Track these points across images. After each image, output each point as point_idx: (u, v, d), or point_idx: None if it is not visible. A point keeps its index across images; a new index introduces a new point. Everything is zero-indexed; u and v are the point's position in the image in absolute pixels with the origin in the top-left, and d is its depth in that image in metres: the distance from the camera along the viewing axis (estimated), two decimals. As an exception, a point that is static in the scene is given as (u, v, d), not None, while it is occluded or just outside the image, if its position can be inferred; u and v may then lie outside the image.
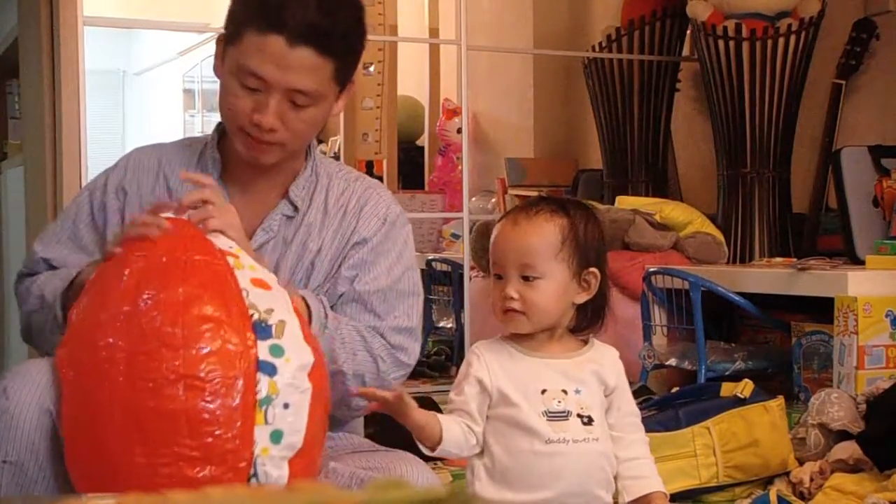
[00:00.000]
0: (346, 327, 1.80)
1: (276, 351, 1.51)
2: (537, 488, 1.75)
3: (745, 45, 4.01)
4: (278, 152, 1.79)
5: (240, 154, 1.81)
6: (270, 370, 1.49)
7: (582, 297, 1.82)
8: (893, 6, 4.01)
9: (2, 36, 5.34)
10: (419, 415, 1.74)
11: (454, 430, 1.77)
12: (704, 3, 4.11)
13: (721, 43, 4.05)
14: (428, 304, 4.74)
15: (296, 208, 1.86)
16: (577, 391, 1.80)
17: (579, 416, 1.79)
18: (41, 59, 3.92)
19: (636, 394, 3.07)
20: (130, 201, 1.86)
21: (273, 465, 1.47)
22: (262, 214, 1.85)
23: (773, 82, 4.01)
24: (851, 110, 4.08)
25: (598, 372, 1.83)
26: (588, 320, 1.85)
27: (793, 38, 3.98)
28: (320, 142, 6.43)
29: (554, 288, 1.80)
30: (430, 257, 4.95)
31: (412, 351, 1.89)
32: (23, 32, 4.42)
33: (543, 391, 1.79)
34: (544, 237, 1.80)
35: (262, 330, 1.51)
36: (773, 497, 2.52)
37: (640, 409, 2.74)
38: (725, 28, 4.02)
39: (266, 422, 1.47)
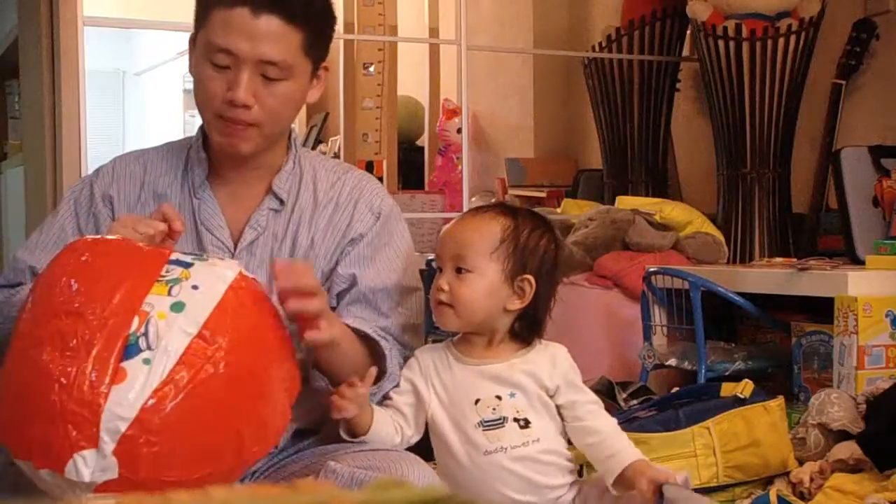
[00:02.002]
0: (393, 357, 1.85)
1: (198, 257, 1.55)
2: (490, 495, 1.75)
3: (745, 45, 4.01)
4: (255, 136, 1.78)
5: (218, 145, 1.81)
6: (185, 265, 1.52)
7: (515, 304, 1.80)
8: (893, 6, 4.01)
9: (2, 36, 5.34)
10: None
11: (384, 425, 1.79)
12: (704, 3, 4.11)
13: (721, 43, 4.05)
14: (428, 304, 4.73)
15: (281, 202, 1.86)
16: (512, 395, 1.79)
17: (516, 420, 1.78)
18: (41, 59, 3.92)
19: (636, 394, 3.09)
20: (119, 210, 1.85)
21: (168, 330, 1.44)
22: (250, 211, 1.85)
23: (773, 82, 4.01)
24: (851, 110, 4.08)
25: (534, 373, 1.80)
26: (524, 331, 1.83)
27: (793, 38, 3.98)
28: (320, 142, 6.42)
29: (483, 285, 1.78)
30: (430, 257, 4.94)
31: (417, 347, 1.92)
32: (23, 32, 4.42)
33: (477, 401, 1.79)
34: (483, 233, 1.80)
35: (179, 261, 1.54)
36: (773, 497, 2.52)
37: (641, 410, 2.76)
38: (725, 28, 4.02)
39: (169, 294, 1.47)
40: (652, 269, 3.55)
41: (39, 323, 1.46)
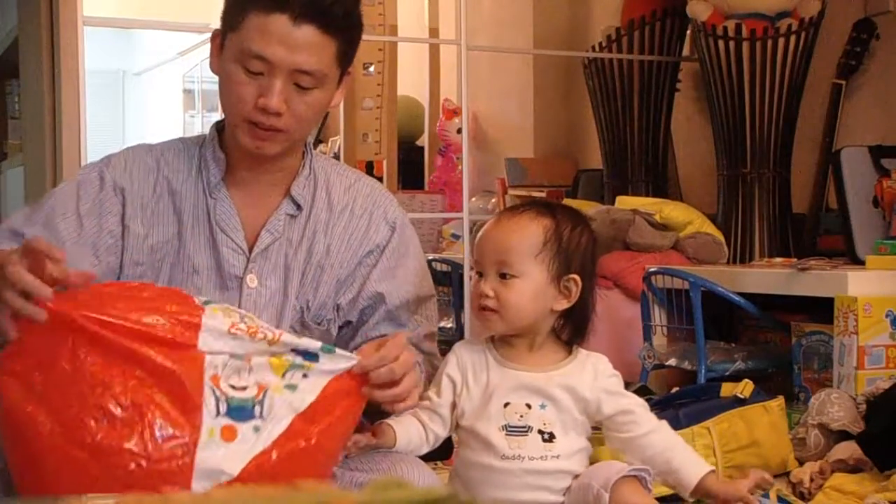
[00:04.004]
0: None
1: (327, 350, 1.61)
2: (491, 499, 1.75)
3: (746, 45, 4.01)
4: (282, 140, 1.76)
5: (244, 146, 1.78)
6: (313, 357, 1.59)
7: (561, 304, 1.79)
8: (893, 6, 4.01)
9: (2, 36, 5.33)
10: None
11: (409, 435, 1.78)
12: (704, 3, 4.11)
13: (721, 43, 4.05)
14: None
15: (299, 207, 1.85)
16: (543, 406, 1.77)
17: (540, 432, 1.76)
18: (41, 59, 3.92)
19: (636, 394, 3.08)
20: (131, 202, 1.82)
21: (280, 407, 1.54)
22: (266, 215, 1.83)
23: (773, 82, 4.01)
24: (851, 110, 4.08)
25: (573, 387, 1.78)
26: (571, 331, 1.82)
27: (793, 38, 3.98)
28: (320, 142, 6.42)
29: (530, 289, 1.76)
30: (430, 257, 4.94)
31: (438, 356, 1.92)
32: (23, 32, 4.42)
33: (507, 404, 1.77)
34: (525, 236, 1.78)
35: (307, 353, 1.60)
36: (773, 497, 2.52)
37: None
38: (725, 28, 4.02)
39: (283, 377, 1.56)
40: (652, 269, 3.55)
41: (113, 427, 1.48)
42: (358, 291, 1.86)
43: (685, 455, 1.79)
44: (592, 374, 1.81)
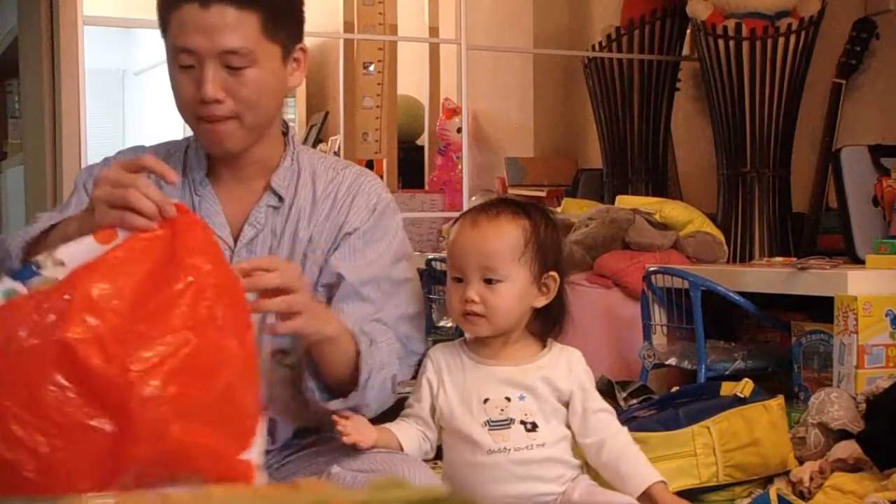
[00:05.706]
0: (380, 349, 1.77)
1: None
2: (488, 495, 1.76)
3: (745, 45, 4.01)
4: (236, 129, 1.76)
5: (207, 148, 1.81)
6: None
7: (541, 301, 1.81)
8: (893, 6, 4.01)
9: (2, 36, 5.34)
10: (378, 436, 1.75)
11: (411, 440, 1.79)
12: (704, 2, 4.11)
13: (721, 42, 4.05)
14: (428, 303, 4.72)
15: (280, 198, 1.86)
16: (522, 397, 1.79)
17: (522, 422, 1.78)
18: (41, 58, 3.93)
19: (636, 393, 3.09)
20: None
21: None
22: (248, 208, 1.85)
23: (773, 82, 4.01)
24: (851, 110, 4.08)
25: (549, 378, 1.81)
26: (548, 326, 1.84)
27: (793, 38, 3.98)
28: (320, 141, 6.42)
29: (516, 291, 1.78)
30: (429, 257, 4.94)
31: (419, 339, 1.89)
32: (23, 32, 4.43)
33: (486, 400, 1.79)
34: (507, 240, 1.79)
35: None
36: (773, 496, 2.52)
37: (640, 409, 2.76)
38: (725, 27, 4.03)
39: None
40: (652, 269, 3.55)
41: None
42: (323, 269, 1.84)
43: (635, 463, 1.81)
44: (567, 366, 1.83)
